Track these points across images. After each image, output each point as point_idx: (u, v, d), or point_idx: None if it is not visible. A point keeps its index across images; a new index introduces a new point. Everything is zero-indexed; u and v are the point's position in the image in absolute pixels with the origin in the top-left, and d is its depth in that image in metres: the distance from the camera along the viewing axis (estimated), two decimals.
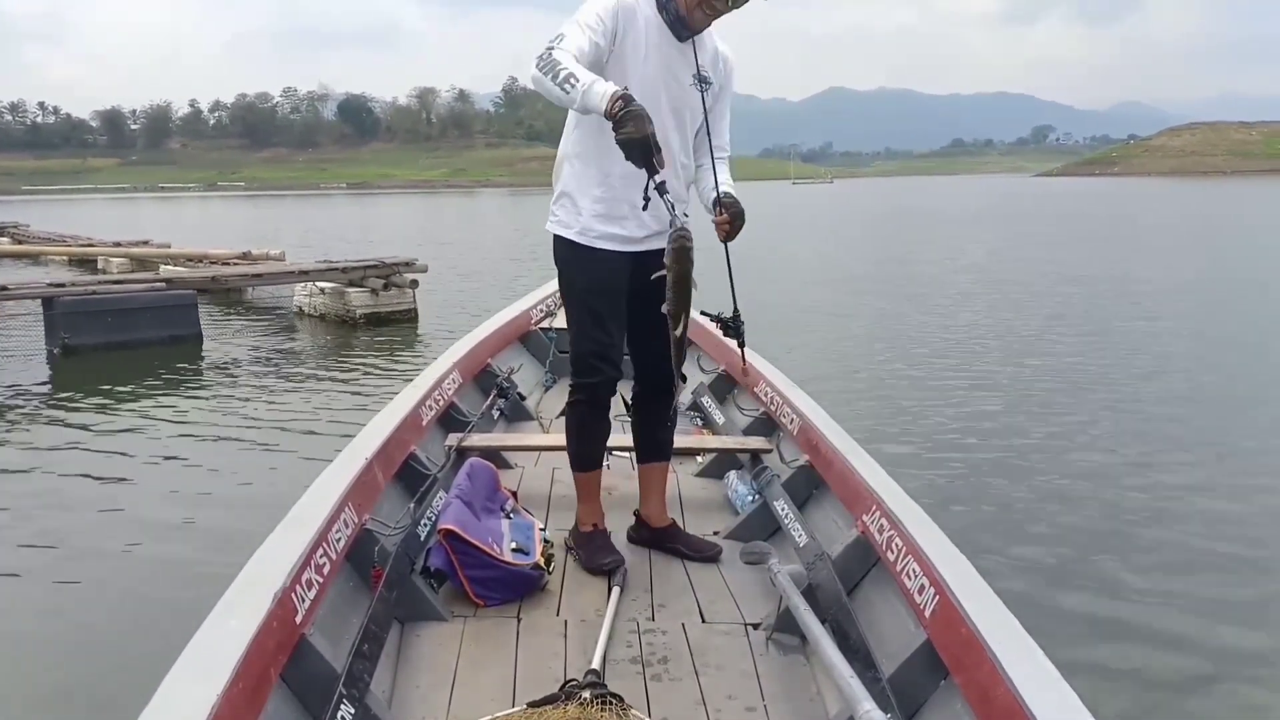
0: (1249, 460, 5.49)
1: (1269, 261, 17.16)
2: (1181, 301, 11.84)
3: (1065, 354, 8.53)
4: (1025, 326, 9.94)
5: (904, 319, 10.67)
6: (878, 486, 2.39)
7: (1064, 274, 14.67)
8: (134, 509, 4.63)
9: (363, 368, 8.23)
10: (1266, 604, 3.68)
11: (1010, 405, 6.73)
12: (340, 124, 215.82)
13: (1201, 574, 3.91)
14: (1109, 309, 11.22)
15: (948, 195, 65.23)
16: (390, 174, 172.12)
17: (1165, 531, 4.37)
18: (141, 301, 9.10)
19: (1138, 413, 6.52)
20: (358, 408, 6.51)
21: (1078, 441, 5.81)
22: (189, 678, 1.41)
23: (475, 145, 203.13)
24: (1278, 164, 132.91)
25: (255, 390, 7.34)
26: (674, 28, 2.31)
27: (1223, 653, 3.26)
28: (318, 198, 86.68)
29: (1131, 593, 3.71)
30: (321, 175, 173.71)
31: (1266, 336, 9.55)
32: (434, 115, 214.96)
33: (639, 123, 1.95)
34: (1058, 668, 1.54)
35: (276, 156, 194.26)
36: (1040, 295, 12.36)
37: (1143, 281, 13.85)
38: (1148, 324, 10.17)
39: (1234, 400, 6.95)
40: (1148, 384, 7.37)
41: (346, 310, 10.50)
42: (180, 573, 3.76)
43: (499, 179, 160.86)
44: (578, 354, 2.52)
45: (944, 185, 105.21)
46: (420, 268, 11.03)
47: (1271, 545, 4.26)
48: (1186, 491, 4.95)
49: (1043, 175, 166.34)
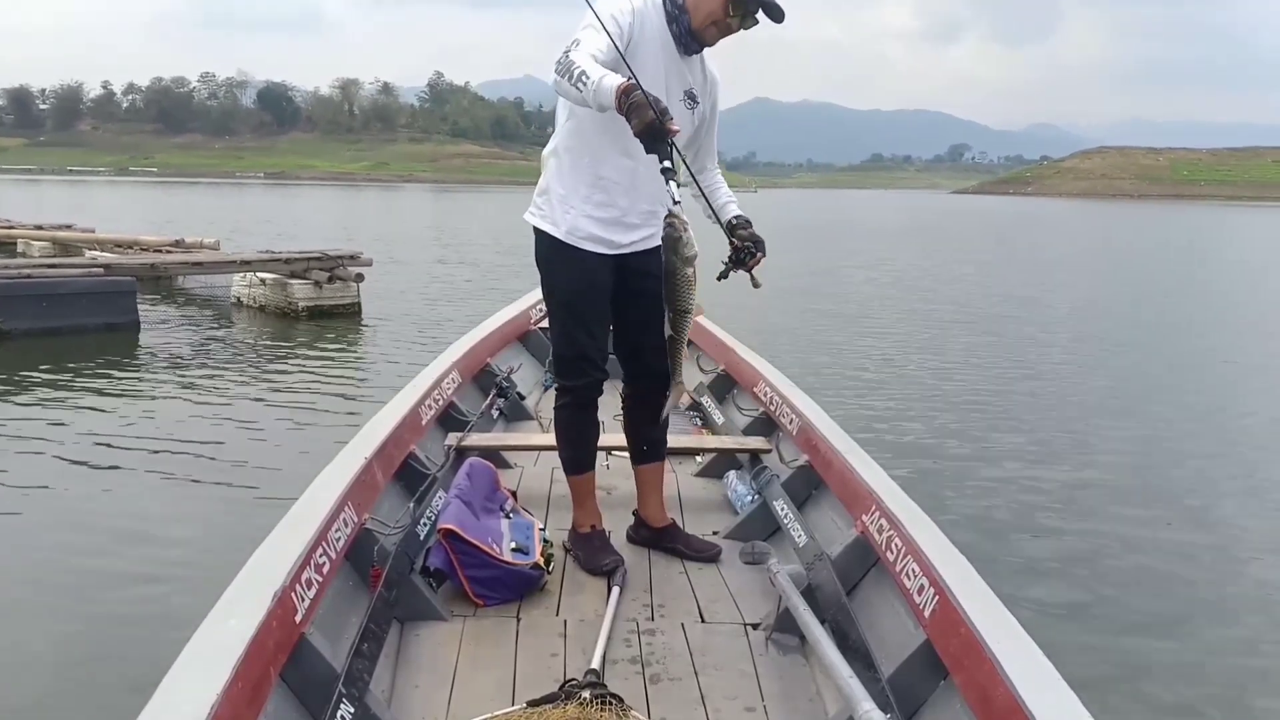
0: (1250, 473, 5.49)
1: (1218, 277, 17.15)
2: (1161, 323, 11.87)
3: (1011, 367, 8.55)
4: (963, 342, 9.79)
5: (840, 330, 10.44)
6: (877, 487, 2.39)
7: (995, 289, 14.65)
8: (85, 498, 4.53)
9: (308, 360, 8.06)
10: (1267, 603, 3.69)
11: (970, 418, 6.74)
12: (259, 112, 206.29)
13: (1200, 573, 3.92)
14: (1045, 320, 11.29)
15: (875, 208, 65.41)
16: (310, 165, 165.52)
17: (1164, 530, 4.38)
18: (78, 287, 8.79)
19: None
20: (306, 404, 6.41)
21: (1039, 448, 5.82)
22: (189, 677, 1.41)
23: (398, 139, 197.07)
24: (1182, 189, 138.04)
25: (199, 380, 7.15)
26: (682, 41, 2.31)
27: (1222, 651, 3.27)
28: (234, 186, 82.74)
29: (1132, 591, 3.72)
30: (238, 163, 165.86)
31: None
32: (356, 107, 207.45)
33: (640, 112, 1.94)
34: (1057, 668, 1.54)
35: (192, 143, 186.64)
36: (976, 310, 12.35)
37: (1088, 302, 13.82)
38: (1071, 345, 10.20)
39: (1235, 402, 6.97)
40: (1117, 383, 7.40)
41: (288, 302, 10.26)
42: (106, 568, 3.70)
43: (423, 174, 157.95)
44: (561, 356, 2.53)
45: (867, 199, 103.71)
46: (365, 261, 10.92)
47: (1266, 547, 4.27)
48: (1186, 489, 4.96)
49: (959, 192, 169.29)
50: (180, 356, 8.07)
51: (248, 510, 4.32)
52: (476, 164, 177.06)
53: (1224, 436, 6.23)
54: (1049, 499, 4.80)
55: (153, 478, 4.84)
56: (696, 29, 2.29)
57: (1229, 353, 9.63)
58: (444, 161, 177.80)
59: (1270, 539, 4.37)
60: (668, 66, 2.32)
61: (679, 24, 2.29)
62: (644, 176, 2.30)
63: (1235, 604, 3.66)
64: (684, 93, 2.37)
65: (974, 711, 1.59)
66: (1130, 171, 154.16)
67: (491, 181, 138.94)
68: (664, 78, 2.30)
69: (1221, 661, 3.21)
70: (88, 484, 4.77)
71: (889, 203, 74.96)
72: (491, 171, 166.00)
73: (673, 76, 2.34)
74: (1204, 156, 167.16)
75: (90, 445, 5.36)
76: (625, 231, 2.40)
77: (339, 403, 6.56)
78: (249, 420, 6.01)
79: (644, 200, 2.38)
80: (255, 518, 4.11)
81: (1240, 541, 4.28)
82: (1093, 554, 4.08)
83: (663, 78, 2.30)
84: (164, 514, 4.36)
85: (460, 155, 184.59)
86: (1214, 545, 4.23)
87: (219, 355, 8.22)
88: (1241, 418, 6.83)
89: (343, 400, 6.66)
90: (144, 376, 7.31)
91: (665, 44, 2.31)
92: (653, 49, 2.28)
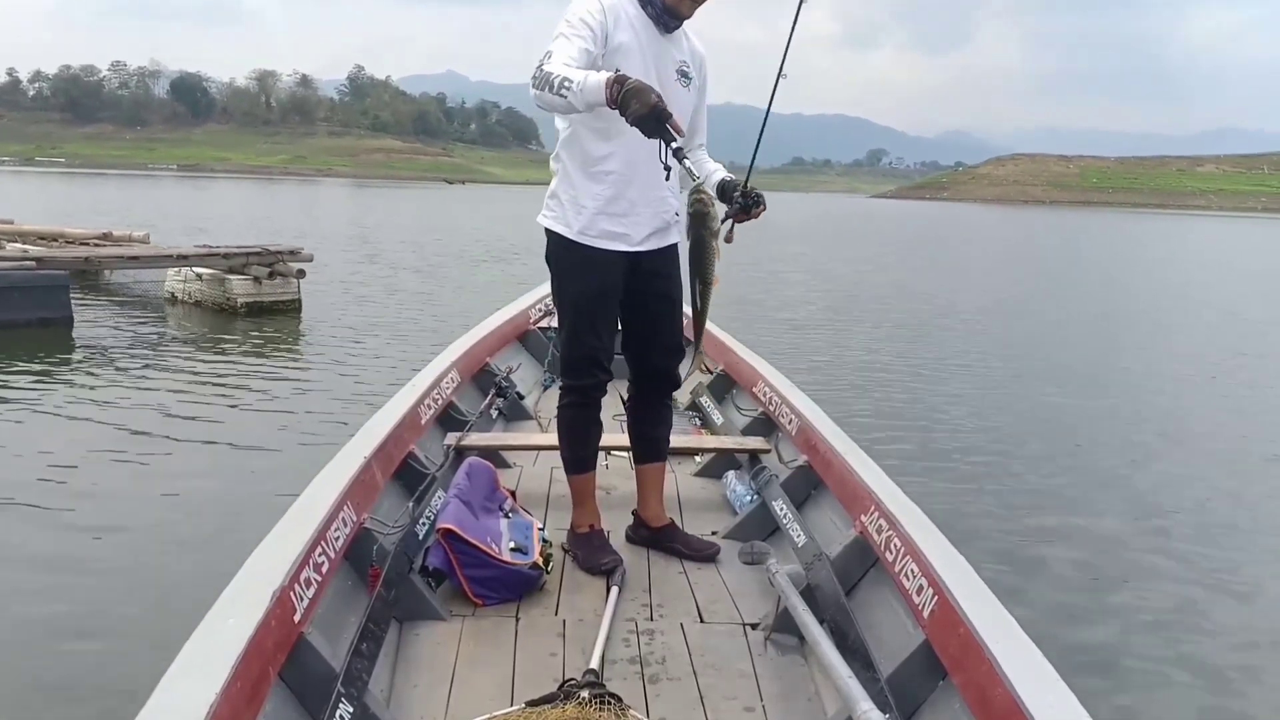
0: (1252, 470, 5.50)
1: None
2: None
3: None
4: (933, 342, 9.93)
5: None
6: (876, 487, 2.39)
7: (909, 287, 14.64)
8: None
9: (249, 357, 7.85)
10: (1267, 603, 3.69)
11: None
12: (172, 103, 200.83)
13: (1201, 572, 3.92)
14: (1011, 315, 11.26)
15: (799, 210, 65.00)
16: (225, 157, 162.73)
17: (1164, 530, 4.38)
18: (9, 281, 8.40)
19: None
20: (244, 403, 6.26)
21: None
22: (187, 676, 1.41)
23: (317, 133, 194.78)
24: (1092, 196, 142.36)
25: (141, 376, 6.96)
26: (660, 20, 2.31)
27: (1222, 651, 3.27)
28: (146, 178, 79.29)
29: (1132, 591, 3.72)
30: (150, 155, 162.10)
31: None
32: (274, 99, 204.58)
33: (641, 96, 1.91)
34: (1056, 668, 1.54)
35: (102, 133, 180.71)
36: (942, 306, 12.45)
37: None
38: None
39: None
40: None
41: (226, 298, 9.96)
42: (47, 566, 3.66)
43: (342, 169, 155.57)
44: (568, 357, 2.52)
45: (791, 201, 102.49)
46: (306, 256, 10.62)
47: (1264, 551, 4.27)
48: (1186, 489, 4.96)
49: (878, 197, 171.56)
50: (118, 352, 7.80)
51: (202, 508, 4.25)
52: (398, 159, 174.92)
53: (1225, 437, 6.23)
54: (1049, 499, 4.81)
55: (112, 474, 4.74)
56: (670, 3, 2.29)
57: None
58: (364, 156, 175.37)
59: (1271, 540, 4.37)
60: (653, 49, 2.31)
61: (652, 4, 2.29)
62: (644, 167, 2.29)
63: (1236, 604, 3.66)
64: (676, 72, 2.36)
65: (973, 711, 1.59)
66: (1042, 178, 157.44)
67: (413, 177, 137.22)
68: (653, 61, 2.30)
69: (1222, 661, 3.21)
70: (46, 483, 4.61)
71: (814, 206, 75.00)
72: (413, 167, 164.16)
73: (662, 58, 2.33)
74: (1112, 165, 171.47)
75: (36, 443, 5.20)
76: (640, 225, 2.40)
77: (289, 399, 6.41)
78: (199, 416, 5.86)
79: (653, 189, 2.37)
80: (205, 517, 4.13)
81: (1241, 542, 4.29)
82: (1092, 554, 4.09)
83: (652, 61, 2.29)
84: (147, 503, 4.31)
85: (381, 150, 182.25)
86: (1215, 545, 4.24)
87: (159, 351, 7.99)
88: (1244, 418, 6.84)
89: (290, 396, 6.50)
90: (84, 372, 7.05)
91: (644, 27, 2.30)
92: (633, 37, 2.27)
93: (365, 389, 6.60)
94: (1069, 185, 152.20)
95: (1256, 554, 4.19)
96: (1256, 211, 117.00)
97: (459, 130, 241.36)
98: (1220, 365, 9.11)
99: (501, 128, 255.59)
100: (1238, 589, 3.80)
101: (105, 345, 8.12)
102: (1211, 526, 4.47)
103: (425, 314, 10.62)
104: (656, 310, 2.54)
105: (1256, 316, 13.46)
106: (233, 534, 3.79)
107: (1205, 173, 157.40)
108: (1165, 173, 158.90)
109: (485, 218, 36.00)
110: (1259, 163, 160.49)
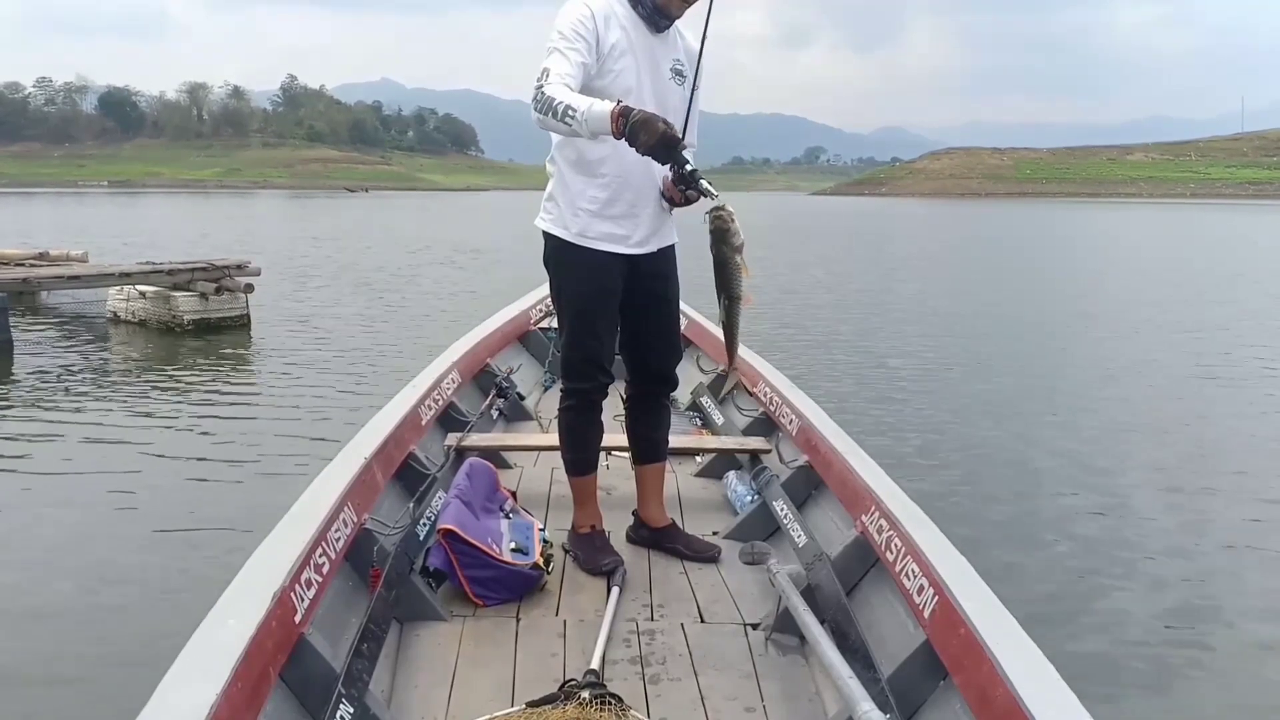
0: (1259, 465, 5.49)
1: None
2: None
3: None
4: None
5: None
6: (877, 487, 2.39)
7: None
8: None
9: (202, 377, 7.63)
10: (1269, 604, 3.69)
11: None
12: (101, 118, 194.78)
13: (1201, 572, 3.92)
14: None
15: (749, 210, 64.47)
16: (157, 172, 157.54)
17: (1164, 530, 4.38)
18: None
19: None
20: (202, 425, 6.08)
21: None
22: (188, 677, 1.41)
23: (251, 145, 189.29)
24: (1026, 187, 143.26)
25: (89, 399, 6.75)
26: (651, 20, 2.31)
27: (1223, 651, 3.27)
28: (76, 196, 76.14)
29: (1133, 592, 3.71)
30: (80, 172, 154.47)
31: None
32: (206, 112, 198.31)
33: (649, 127, 1.94)
34: (1057, 668, 1.54)
35: (28, 151, 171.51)
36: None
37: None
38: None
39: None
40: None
41: (172, 316, 9.64)
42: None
43: (278, 180, 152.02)
44: (568, 359, 2.52)
45: (736, 200, 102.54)
46: (253, 271, 10.37)
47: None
48: (1185, 490, 4.96)
49: (817, 194, 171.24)
50: (64, 376, 7.54)
51: (159, 528, 4.15)
52: (335, 169, 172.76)
53: (1227, 439, 6.22)
54: (1048, 499, 4.80)
55: (80, 497, 4.62)
56: (661, 3, 2.29)
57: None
58: (300, 167, 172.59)
59: (1272, 541, 4.36)
60: (647, 50, 2.31)
61: (643, 4, 2.29)
62: (640, 169, 2.29)
63: (1236, 604, 3.65)
64: (670, 70, 2.36)
65: (973, 712, 1.59)
66: (978, 171, 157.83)
67: (351, 186, 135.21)
68: (646, 61, 2.30)
69: (1222, 662, 3.20)
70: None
71: (756, 204, 74.86)
72: (351, 176, 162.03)
73: (658, 57, 2.33)
74: (1045, 156, 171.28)
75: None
76: (638, 227, 2.39)
77: (247, 419, 6.25)
78: (154, 441, 5.68)
79: (649, 187, 2.37)
80: (166, 537, 4.01)
81: (1244, 543, 4.28)
82: (1094, 554, 4.08)
83: (645, 61, 2.29)
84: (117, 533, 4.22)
85: (318, 160, 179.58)
86: (1217, 546, 4.23)
87: (106, 374, 7.77)
88: (1242, 420, 6.83)
89: (249, 415, 6.34)
90: (30, 399, 6.79)
91: (636, 29, 2.30)
92: (625, 40, 2.27)
93: (326, 404, 6.44)
94: (1004, 177, 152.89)
95: (1262, 554, 4.18)
96: (1185, 198, 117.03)
97: (396, 138, 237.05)
98: (1231, 358, 9.04)
99: (440, 134, 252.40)
100: (1241, 589, 3.79)
101: (49, 370, 7.80)
102: (1214, 527, 4.46)
103: (378, 324, 10.46)
104: (655, 311, 2.54)
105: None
106: (198, 553, 3.69)
107: (1135, 161, 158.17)
108: (1096, 162, 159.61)
109: (420, 224, 35.96)
110: (1186, 150, 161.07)
